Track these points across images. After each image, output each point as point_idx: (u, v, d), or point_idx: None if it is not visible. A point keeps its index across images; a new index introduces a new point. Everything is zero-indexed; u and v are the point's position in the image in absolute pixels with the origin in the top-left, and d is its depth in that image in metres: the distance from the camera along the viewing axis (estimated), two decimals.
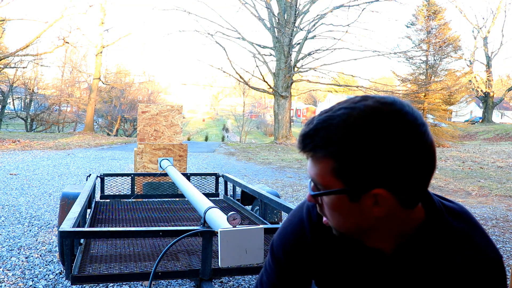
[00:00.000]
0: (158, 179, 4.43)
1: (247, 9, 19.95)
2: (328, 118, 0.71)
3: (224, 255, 1.57)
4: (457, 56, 27.60)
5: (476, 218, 0.88)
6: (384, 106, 0.69)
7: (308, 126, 0.74)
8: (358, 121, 0.68)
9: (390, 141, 0.67)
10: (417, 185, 0.72)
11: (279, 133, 20.14)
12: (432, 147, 0.72)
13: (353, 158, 0.68)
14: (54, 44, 24.22)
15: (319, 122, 0.72)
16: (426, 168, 0.72)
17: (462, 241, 0.80)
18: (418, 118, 0.71)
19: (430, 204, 0.82)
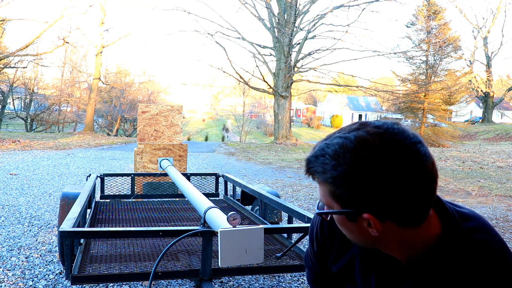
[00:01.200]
0: (158, 179, 4.43)
1: (247, 9, 19.95)
2: (326, 146, 0.78)
3: (224, 255, 1.57)
4: (457, 56, 27.60)
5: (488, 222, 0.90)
6: (374, 137, 0.75)
7: (311, 152, 0.82)
8: (347, 153, 0.75)
9: (377, 171, 0.73)
10: (413, 208, 0.76)
11: (279, 133, 20.14)
12: (428, 167, 0.76)
13: (343, 185, 0.75)
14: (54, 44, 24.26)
15: (318, 150, 0.79)
16: (420, 190, 0.75)
17: (480, 251, 0.81)
18: (411, 143, 0.75)
19: (445, 216, 0.84)
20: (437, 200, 0.85)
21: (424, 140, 0.80)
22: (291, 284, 3.13)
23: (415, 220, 0.79)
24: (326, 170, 0.76)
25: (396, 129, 0.77)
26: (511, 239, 4.52)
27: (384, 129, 0.76)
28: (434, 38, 25.91)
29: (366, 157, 0.73)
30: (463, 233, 0.83)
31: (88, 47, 28.85)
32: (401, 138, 0.75)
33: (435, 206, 0.85)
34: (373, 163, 0.73)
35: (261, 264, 2.11)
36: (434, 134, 25.79)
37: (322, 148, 0.78)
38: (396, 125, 0.78)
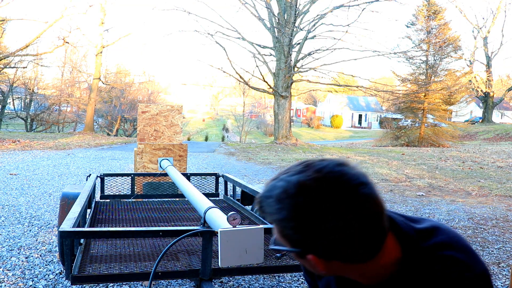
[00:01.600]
0: (158, 179, 4.43)
1: (247, 9, 19.95)
2: (272, 187, 0.81)
3: (224, 255, 1.57)
4: (457, 56, 27.61)
5: (453, 230, 0.90)
6: (313, 182, 0.77)
7: (263, 189, 0.85)
8: (288, 198, 0.78)
9: (315, 216, 0.75)
10: (356, 248, 0.78)
11: (279, 133, 20.13)
12: (370, 208, 0.77)
13: (288, 227, 0.79)
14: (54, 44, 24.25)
15: (266, 190, 0.83)
16: (362, 231, 0.77)
17: (446, 267, 0.82)
18: (350, 187, 0.76)
19: (403, 239, 0.85)
20: (393, 223, 0.86)
21: (369, 180, 0.80)
22: (291, 284, 3.13)
23: (363, 257, 0.80)
24: (273, 213, 0.80)
25: (337, 172, 0.78)
26: (511, 239, 4.52)
27: (324, 173, 0.78)
28: (434, 38, 25.92)
29: (305, 203, 0.76)
30: (425, 252, 0.84)
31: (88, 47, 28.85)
32: (340, 182, 0.77)
33: (392, 230, 0.86)
34: (311, 209, 0.75)
35: (261, 264, 2.11)
36: (434, 134, 25.80)
37: (270, 190, 0.82)
38: (338, 166, 0.79)
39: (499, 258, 3.86)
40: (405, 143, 26.28)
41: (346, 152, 16.56)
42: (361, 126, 55.94)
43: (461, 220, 5.32)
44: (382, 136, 29.86)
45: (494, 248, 4.16)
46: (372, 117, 56.59)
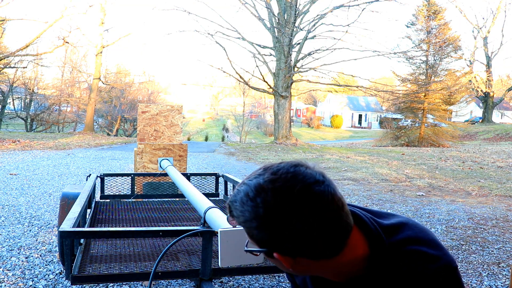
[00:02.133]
0: (158, 179, 4.43)
1: (247, 9, 19.94)
2: (237, 192, 0.86)
3: (224, 255, 1.57)
4: (457, 56, 27.61)
5: (421, 225, 0.92)
6: (268, 184, 0.81)
7: (232, 194, 0.89)
8: (248, 201, 0.82)
9: (273, 217, 0.79)
10: (318, 244, 0.81)
11: (279, 133, 20.13)
12: (325, 205, 0.80)
13: (252, 228, 0.83)
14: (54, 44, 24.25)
15: (232, 195, 0.88)
16: (320, 228, 0.80)
17: (412, 262, 0.85)
18: (302, 187, 0.79)
19: (369, 236, 0.88)
20: (359, 219, 0.89)
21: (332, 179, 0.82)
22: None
23: (326, 254, 0.83)
24: (238, 216, 0.85)
25: (290, 173, 0.81)
26: (511, 239, 4.52)
27: (279, 175, 0.82)
28: (434, 38, 25.92)
29: (263, 204, 0.80)
30: (391, 248, 0.87)
31: (88, 47, 28.85)
32: (294, 182, 0.80)
33: (358, 226, 0.88)
34: (268, 209, 0.79)
35: (261, 264, 2.11)
36: (434, 134, 25.80)
37: (235, 194, 0.86)
38: (293, 167, 0.82)
39: (499, 258, 3.86)
40: (405, 143, 26.29)
41: (346, 152, 16.56)
42: (361, 126, 55.95)
43: (461, 220, 5.32)
44: (382, 136, 29.87)
45: (494, 248, 4.16)
46: (372, 117, 56.59)
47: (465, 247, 4.20)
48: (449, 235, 4.59)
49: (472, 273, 3.50)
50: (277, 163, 0.86)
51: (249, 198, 0.82)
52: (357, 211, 0.92)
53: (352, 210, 0.90)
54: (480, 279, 3.36)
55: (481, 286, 3.24)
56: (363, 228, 0.89)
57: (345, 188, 7.57)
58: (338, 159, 13.13)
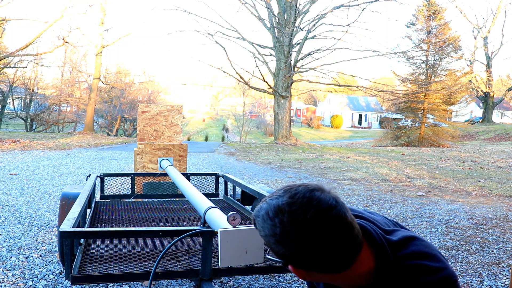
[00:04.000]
0: (158, 179, 4.43)
1: (247, 9, 19.95)
2: (260, 208, 0.97)
3: (224, 255, 1.57)
4: (457, 56, 27.61)
5: (427, 241, 1.02)
6: (285, 207, 0.91)
7: (255, 210, 0.99)
8: (268, 220, 0.93)
9: (288, 236, 0.90)
10: (329, 261, 0.91)
11: (279, 133, 20.13)
12: (336, 228, 0.89)
13: (269, 243, 0.95)
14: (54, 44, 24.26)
15: (256, 210, 0.98)
16: (330, 247, 0.89)
17: (414, 275, 0.95)
18: (316, 212, 0.89)
19: (377, 251, 0.99)
20: (369, 236, 1.00)
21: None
22: (291, 284, 3.14)
23: (337, 269, 0.93)
24: (260, 229, 0.96)
25: (306, 198, 0.91)
26: (511, 239, 4.52)
27: (296, 199, 0.91)
28: (434, 38, 25.92)
29: (280, 224, 0.91)
30: (396, 263, 0.97)
31: (88, 47, 28.87)
32: (306, 208, 0.89)
33: (368, 242, 0.99)
34: (284, 229, 0.90)
35: (261, 264, 2.11)
36: (434, 134, 25.79)
37: (258, 210, 0.97)
38: (310, 192, 0.91)
39: (499, 258, 3.86)
40: (405, 143, 26.28)
41: (346, 152, 16.56)
42: (361, 126, 55.95)
43: (461, 220, 5.32)
44: (382, 136, 29.85)
45: (494, 248, 4.16)
46: (372, 117, 56.60)
47: (465, 247, 4.20)
48: (449, 235, 4.59)
49: (472, 273, 3.50)
50: (296, 186, 0.95)
51: (268, 217, 0.93)
52: (367, 226, 1.02)
53: (363, 224, 1.01)
54: (480, 279, 3.36)
55: (481, 286, 3.24)
56: (372, 244, 0.99)
57: (345, 188, 7.57)
58: (338, 159, 13.13)
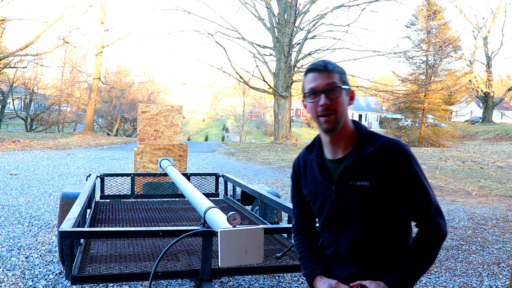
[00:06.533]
0: (158, 179, 4.43)
1: (247, 9, 19.95)
2: (328, 61, 1.40)
3: (224, 255, 1.57)
4: (457, 56, 27.59)
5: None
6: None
7: (324, 61, 1.40)
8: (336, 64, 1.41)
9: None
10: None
11: (279, 133, 20.13)
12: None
13: (341, 73, 1.38)
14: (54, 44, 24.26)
15: (326, 62, 1.40)
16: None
17: (379, 135, 1.40)
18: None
19: (357, 125, 1.43)
20: (357, 122, 1.44)
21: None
22: (291, 284, 3.13)
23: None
24: (336, 66, 1.38)
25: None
26: (511, 239, 4.52)
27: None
28: (434, 38, 25.92)
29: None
30: (368, 134, 1.40)
31: (88, 47, 28.94)
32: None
33: (355, 124, 1.42)
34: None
35: (261, 264, 2.11)
36: (434, 134, 25.78)
37: (328, 61, 1.41)
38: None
39: (499, 258, 3.86)
40: (405, 143, 26.24)
41: None
42: None
43: (461, 220, 5.32)
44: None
45: (494, 248, 4.16)
46: (372, 117, 56.58)
47: (465, 247, 4.20)
48: (449, 235, 4.59)
49: (472, 273, 3.50)
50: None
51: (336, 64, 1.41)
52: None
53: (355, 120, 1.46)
54: (480, 279, 3.36)
55: (481, 286, 3.24)
56: (356, 124, 1.43)
57: None
58: None
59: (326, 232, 1.47)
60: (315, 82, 1.34)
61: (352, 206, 1.35)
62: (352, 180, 1.35)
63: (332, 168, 1.40)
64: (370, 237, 1.35)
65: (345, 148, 1.39)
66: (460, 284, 3.25)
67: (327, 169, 1.41)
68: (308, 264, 1.49)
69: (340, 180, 1.37)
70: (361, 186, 1.34)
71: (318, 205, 1.45)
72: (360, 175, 1.34)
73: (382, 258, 1.36)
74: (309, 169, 1.48)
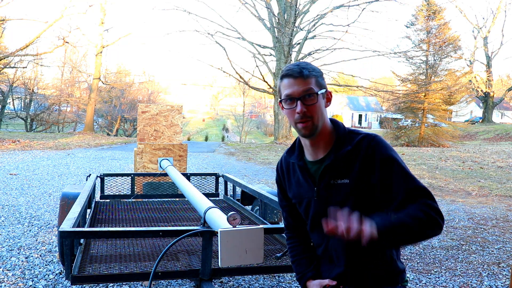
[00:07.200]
0: (158, 179, 4.44)
1: (247, 9, 19.96)
2: (304, 65, 1.39)
3: (224, 255, 1.57)
4: (457, 56, 27.59)
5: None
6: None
7: (300, 65, 1.38)
8: (313, 65, 1.39)
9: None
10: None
11: (279, 133, 20.14)
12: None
13: (317, 76, 1.38)
14: (54, 44, 24.25)
15: (302, 67, 1.38)
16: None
17: (352, 135, 1.41)
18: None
19: (335, 124, 1.46)
20: (336, 122, 1.47)
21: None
22: (291, 284, 3.14)
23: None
24: (313, 70, 1.38)
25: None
26: (511, 239, 4.52)
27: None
28: (434, 38, 25.92)
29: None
30: (346, 132, 1.42)
31: (88, 47, 28.96)
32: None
33: (333, 124, 1.45)
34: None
35: (261, 264, 2.11)
36: (434, 134, 25.78)
37: (306, 63, 1.41)
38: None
39: (499, 258, 3.86)
40: (405, 143, 26.27)
41: None
42: (361, 126, 55.92)
43: (461, 220, 5.32)
44: (382, 136, 29.74)
45: (494, 248, 4.16)
46: (372, 117, 56.59)
47: (465, 247, 4.20)
48: (449, 235, 4.59)
49: (472, 273, 3.50)
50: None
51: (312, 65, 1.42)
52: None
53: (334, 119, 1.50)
54: (480, 279, 3.36)
55: (481, 286, 3.24)
56: (335, 123, 1.46)
57: None
58: None
59: (314, 232, 1.49)
60: (291, 89, 1.36)
61: (334, 204, 1.34)
62: (333, 179, 1.37)
63: (314, 169, 1.42)
64: None
65: (325, 149, 1.40)
66: (460, 284, 3.25)
67: (308, 171, 1.43)
68: (299, 268, 1.52)
69: (321, 180, 1.39)
70: (341, 184, 1.35)
71: (303, 207, 1.47)
72: (340, 173, 1.36)
73: (370, 255, 1.37)
74: (292, 172, 1.50)
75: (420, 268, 3.57)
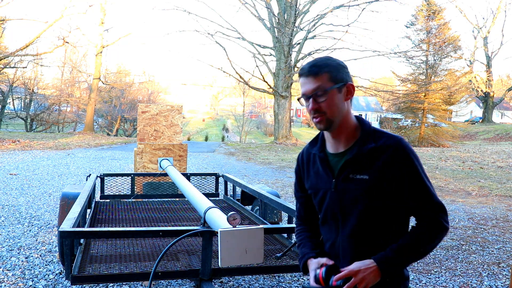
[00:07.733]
0: (158, 179, 4.43)
1: (247, 9, 19.95)
2: (315, 62, 1.41)
3: (224, 255, 1.57)
4: (457, 56, 27.59)
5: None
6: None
7: (311, 63, 1.40)
8: (330, 59, 1.42)
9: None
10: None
11: (279, 133, 20.13)
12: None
13: (331, 71, 1.39)
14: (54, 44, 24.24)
15: (312, 64, 1.40)
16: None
17: (382, 131, 1.42)
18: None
19: (361, 121, 1.48)
20: (361, 118, 1.49)
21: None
22: (291, 284, 3.13)
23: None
24: (327, 65, 1.39)
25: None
26: (511, 239, 4.52)
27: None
28: (434, 38, 25.90)
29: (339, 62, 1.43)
30: (372, 130, 1.43)
31: (88, 47, 28.91)
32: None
33: (358, 120, 1.47)
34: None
35: (261, 264, 2.11)
36: (434, 134, 25.78)
37: (321, 59, 1.43)
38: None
39: (499, 258, 3.86)
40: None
41: None
42: None
43: (461, 220, 5.32)
44: None
45: (494, 248, 4.16)
46: (372, 117, 56.56)
47: (465, 247, 4.20)
48: (449, 235, 4.60)
49: (472, 273, 3.50)
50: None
51: (330, 59, 1.42)
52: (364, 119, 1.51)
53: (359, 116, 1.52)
54: (480, 279, 3.36)
55: (481, 286, 3.24)
56: (360, 120, 1.48)
57: None
58: None
59: (325, 226, 1.50)
60: (303, 87, 1.41)
61: (350, 198, 1.37)
62: (353, 173, 1.38)
63: (334, 162, 1.44)
64: (367, 232, 1.36)
65: (346, 143, 1.42)
66: (460, 284, 3.25)
67: (328, 163, 1.45)
68: (304, 250, 1.53)
69: (340, 173, 1.40)
70: (360, 179, 1.36)
71: (318, 199, 1.48)
72: (360, 169, 1.37)
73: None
74: (312, 163, 1.52)
75: (420, 268, 3.57)
